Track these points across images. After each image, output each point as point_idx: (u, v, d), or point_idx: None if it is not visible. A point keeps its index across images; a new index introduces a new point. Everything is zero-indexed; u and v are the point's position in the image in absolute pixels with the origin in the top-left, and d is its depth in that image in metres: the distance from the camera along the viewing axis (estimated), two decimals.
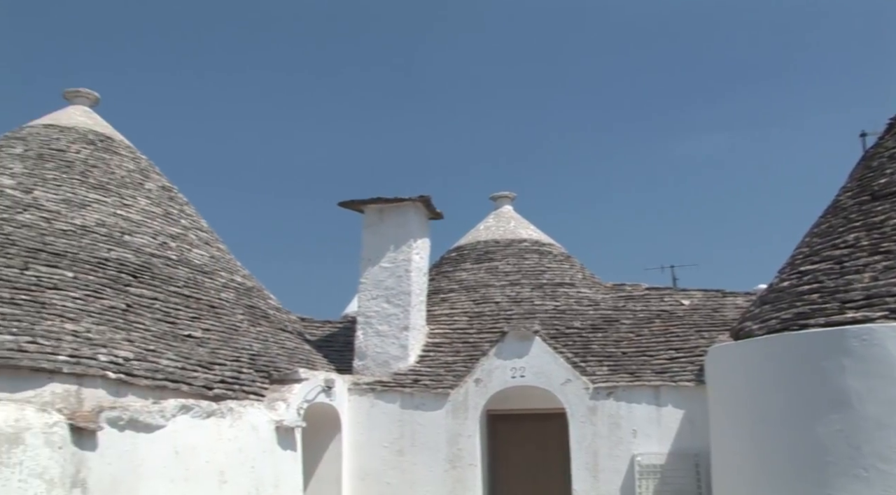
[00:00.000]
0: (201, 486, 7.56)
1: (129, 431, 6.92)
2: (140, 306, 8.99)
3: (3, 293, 7.77)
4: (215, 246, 12.10)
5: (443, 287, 13.44)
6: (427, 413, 10.76)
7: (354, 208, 11.88)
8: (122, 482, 6.75)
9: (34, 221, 9.38)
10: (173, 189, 12.55)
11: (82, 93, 12.87)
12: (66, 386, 7.04)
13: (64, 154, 11.29)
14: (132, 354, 7.87)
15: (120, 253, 9.73)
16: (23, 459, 5.91)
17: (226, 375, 8.77)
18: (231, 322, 10.20)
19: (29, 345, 7.10)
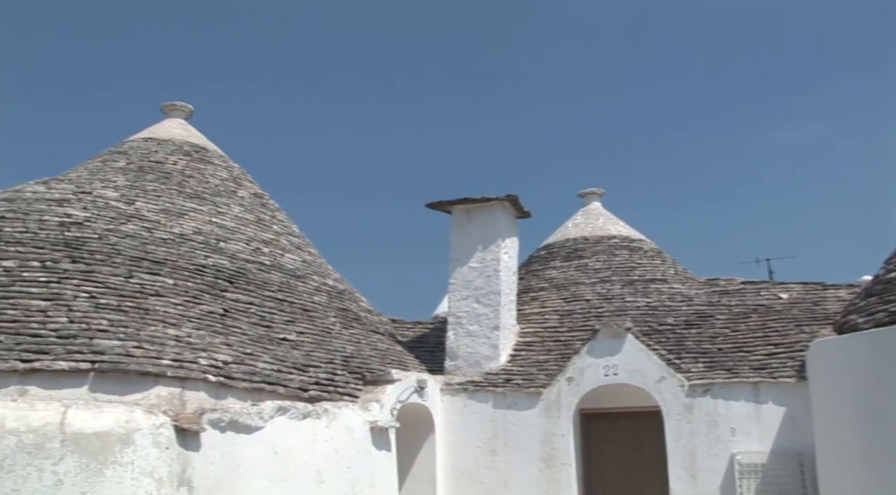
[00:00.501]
0: (299, 486, 7.73)
1: (229, 432, 7.13)
2: (236, 311, 9.25)
3: (111, 300, 8.13)
4: (307, 250, 12.36)
5: (532, 285, 13.38)
6: (520, 412, 10.72)
7: (442, 209, 11.94)
8: (225, 481, 6.96)
9: (137, 231, 9.77)
10: (265, 196, 12.88)
11: (178, 106, 13.37)
12: (170, 389, 7.31)
13: (162, 166, 11.74)
14: (230, 358, 8.11)
15: (216, 259, 10.04)
16: (134, 458, 6.18)
17: (320, 377, 8.94)
18: (324, 325, 10.39)
19: (135, 350, 7.40)
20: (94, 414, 6.27)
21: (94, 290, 8.21)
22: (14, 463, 5.88)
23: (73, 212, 9.73)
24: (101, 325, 7.64)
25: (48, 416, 6.12)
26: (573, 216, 14.87)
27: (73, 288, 8.15)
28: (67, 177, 11.01)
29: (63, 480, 5.92)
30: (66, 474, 5.95)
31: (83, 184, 10.67)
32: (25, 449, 5.94)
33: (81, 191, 10.40)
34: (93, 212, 9.86)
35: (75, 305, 7.88)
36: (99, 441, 6.13)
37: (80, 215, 9.68)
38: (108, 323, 7.71)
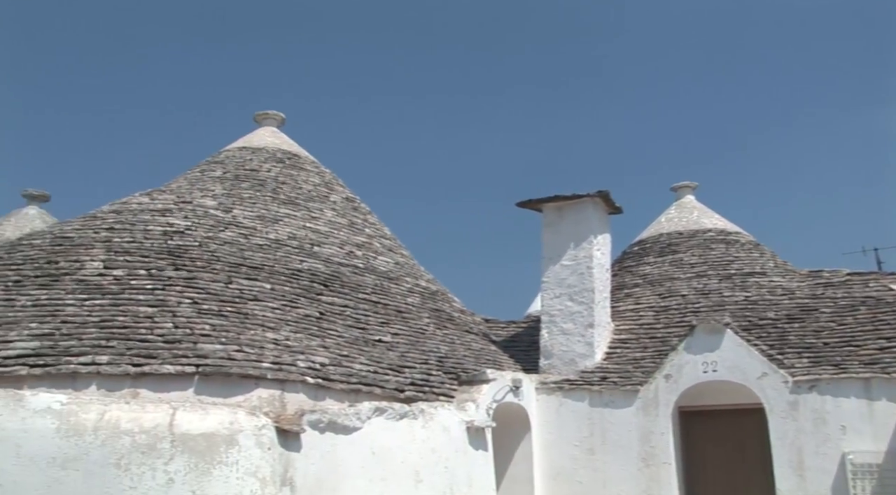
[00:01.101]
0: (398, 486, 7.80)
1: (328, 433, 7.26)
2: (332, 313, 9.42)
3: (212, 306, 8.40)
4: (399, 252, 12.49)
5: (626, 282, 13.18)
6: (617, 411, 10.58)
7: (533, 207, 11.88)
8: (326, 481, 7.10)
9: (234, 238, 10.07)
10: (356, 199, 13.09)
11: (270, 115, 13.74)
12: (270, 391, 7.49)
13: (257, 173, 12.07)
14: (328, 360, 8.26)
15: (311, 263, 10.25)
16: (238, 459, 6.36)
17: (416, 378, 9.01)
18: (418, 326, 10.48)
19: (236, 354, 7.62)
20: (199, 415, 6.48)
21: (197, 296, 8.50)
22: (129, 463, 6.14)
23: (175, 221, 10.09)
24: (204, 330, 7.91)
25: (158, 418, 6.37)
26: (666, 210, 14.59)
27: (176, 294, 8.46)
28: (169, 188, 11.44)
29: (174, 479, 6.15)
30: (177, 473, 6.18)
31: (183, 194, 11.07)
32: (139, 448, 6.19)
33: (182, 200, 10.79)
34: (193, 220, 10.21)
35: (179, 311, 8.18)
36: (205, 441, 6.33)
37: (181, 224, 10.04)
38: (210, 327, 7.97)
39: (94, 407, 6.39)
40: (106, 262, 8.91)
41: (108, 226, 9.82)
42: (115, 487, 6.08)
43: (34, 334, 7.56)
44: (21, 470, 6.08)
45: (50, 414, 6.25)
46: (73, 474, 6.09)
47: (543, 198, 11.71)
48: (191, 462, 6.24)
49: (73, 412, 6.30)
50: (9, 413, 6.23)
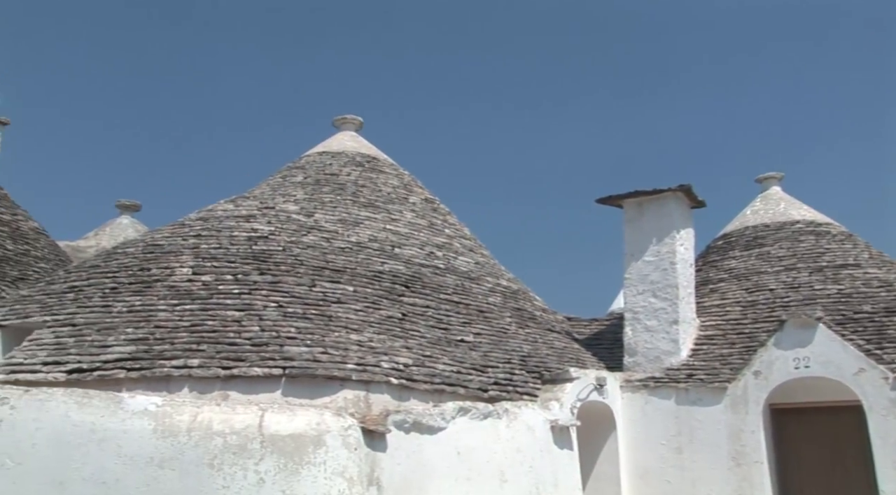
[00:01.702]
0: (483, 485, 7.81)
1: (413, 433, 7.32)
2: (414, 314, 9.49)
3: (297, 309, 8.57)
4: (479, 252, 12.51)
5: (711, 277, 12.89)
6: (704, 408, 10.35)
7: (613, 204, 11.74)
8: (412, 481, 7.16)
9: (317, 242, 10.25)
10: (435, 200, 13.16)
11: (349, 119, 13.95)
12: (355, 392, 7.60)
13: (337, 177, 12.26)
14: (411, 360, 8.33)
15: (392, 265, 10.35)
16: (325, 459, 6.48)
17: (499, 377, 9.00)
18: (500, 325, 10.47)
19: (322, 356, 7.76)
20: (287, 416, 6.62)
21: (282, 300, 8.69)
22: (222, 463, 6.32)
23: (259, 226, 10.33)
24: (290, 333, 8.08)
25: (248, 419, 6.53)
26: (751, 202, 14.21)
27: (262, 298, 8.67)
28: (252, 194, 11.72)
29: (265, 479, 6.30)
30: (267, 473, 6.33)
31: (266, 200, 11.32)
32: (230, 449, 6.36)
33: (265, 206, 11.04)
34: (276, 225, 10.43)
35: (265, 314, 8.37)
36: (293, 442, 6.47)
37: (265, 229, 10.27)
38: (295, 330, 8.14)
39: (188, 408, 6.59)
40: (195, 268, 9.19)
41: (195, 233, 10.12)
42: (209, 486, 6.26)
43: (130, 339, 7.85)
44: (122, 469, 6.33)
45: (147, 416, 6.49)
46: (169, 473, 6.30)
47: (624, 194, 11.56)
48: (280, 462, 6.38)
49: (168, 414, 6.52)
50: (109, 414, 6.49)
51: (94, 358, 7.61)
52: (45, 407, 6.59)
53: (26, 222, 13.32)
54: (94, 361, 7.57)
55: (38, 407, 6.59)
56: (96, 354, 7.66)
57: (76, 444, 6.42)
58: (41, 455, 6.44)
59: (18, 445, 6.49)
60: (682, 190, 11.31)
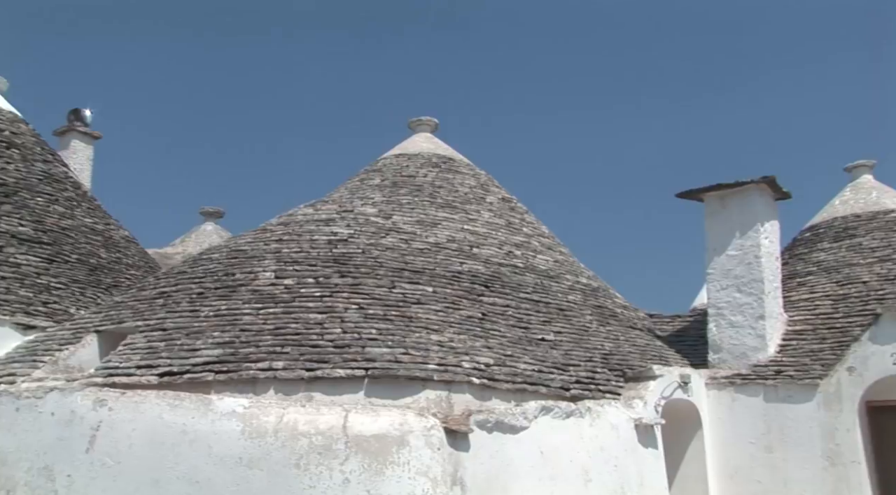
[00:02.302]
0: (567, 485, 7.75)
1: (496, 433, 7.32)
2: (494, 314, 9.49)
3: (377, 310, 8.67)
4: (558, 250, 12.43)
5: (798, 270, 12.50)
6: (795, 406, 10.04)
7: (694, 198, 11.51)
8: (495, 480, 7.15)
9: (396, 243, 10.34)
10: (512, 199, 13.13)
11: (424, 121, 14.04)
12: (437, 392, 7.64)
13: (414, 179, 12.35)
14: (492, 360, 8.32)
15: (471, 265, 10.37)
16: (409, 459, 6.53)
17: (581, 376, 8.93)
18: (581, 323, 10.38)
19: (403, 357, 7.83)
20: (371, 417, 6.71)
21: (363, 302, 8.80)
22: (308, 463, 6.44)
23: (339, 230, 10.49)
24: (371, 334, 8.17)
25: (332, 420, 6.64)
26: (840, 192, 13.72)
27: (343, 300, 8.79)
28: (331, 198, 11.90)
29: (350, 479, 6.40)
30: (352, 473, 6.42)
31: (345, 203, 11.48)
32: (316, 449, 6.48)
33: (344, 209, 11.20)
34: (355, 228, 10.57)
35: (347, 316, 8.49)
36: (377, 442, 6.54)
37: (344, 232, 10.42)
38: (376, 331, 8.23)
39: (274, 410, 6.75)
40: (277, 272, 9.38)
41: (277, 238, 10.33)
42: (296, 486, 6.39)
43: (217, 342, 8.07)
44: (213, 469, 6.52)
45: (235, 417, 6.66)
46: (258, 473, 6.46)
47: (705, 188, 11.32)
48: (364, 462, 6.46)
49: (255, 415, 6.69)
50: (200, 415, 6.70)
51: (183, 361, 7.85)
52: (140, 408, 6.85)
53: (118, 231, 13.82)
54: (183, 364, 7.81)
55: (134, 409, 6.85)
56: (186, 358, 7.90)
57: (169, 444, 6.65)
58: (137, 454, 6.69)
59: (117, 445, 6.76)
60: (766, 181, 11.01)
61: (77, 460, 6.82)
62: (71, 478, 6.78)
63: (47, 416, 7.08)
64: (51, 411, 7.08)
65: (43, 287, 11.11)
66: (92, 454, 6.79)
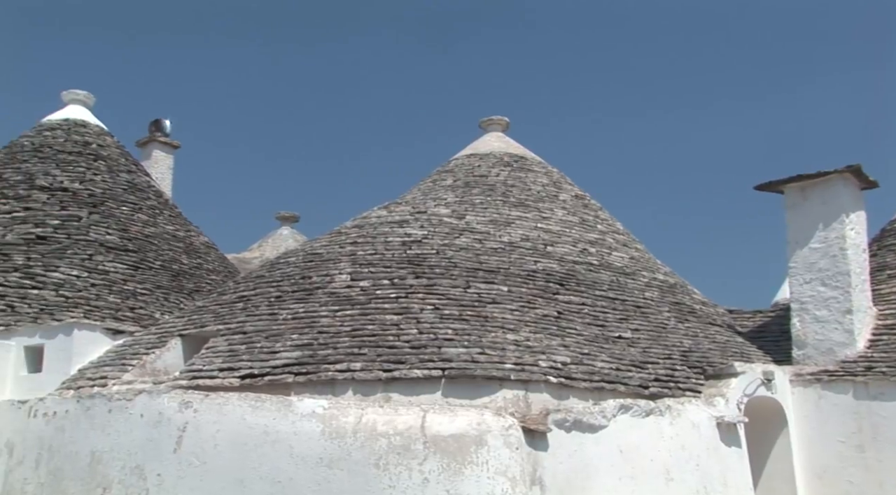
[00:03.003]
0: (648, 484, 7.64)
1: (574, 432, 7.26)
2: (570, 312, 9.42)
3: (453, 311, 8.70)
4: (633, 247, 12.26)
5: (888, 262, 12.04)
6: (888, 403, 9.64)
7: (773, 190, 11.20)
8: (574, 480, 7.10)
9: (469, 244, 10.36)
10: (586, 196, 13.01)
11: (495, 120, 14.02)
12: (514, 391, 7.63)
13: (486, 179, 12.35)
14: (569, 359, 8.27)
15: (545, 264, 10.32)
16: (487, 459, 6.53)
17: (659, 373, 8.80)
18: (658, 320, 10.23)
19: (479, 356, 7.84)
20: (448, 417, 6.73)
21: (438, 302, 8.84)
22: (387, 463, 6.50)
23: (413, 231, 10.56)
24: (447, 334, 8.20)
25: (410, 420, 6.69)
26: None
27: (418, 301, 8.85)
28: (404, 200, 11.99)
29: (429, 478, 6.43)
30: (431, 473, 6.45)
31: (418, 205, 11.56)
32: (395, 449, 6.54)
33: (417, 211, 11.28)
34: (429, 229, 10.63)
35: (423, 317, 8.54)
36: (455, 442, 6.56)
37: (418, 234, 10.49)
38: (452, 332, 8.26)
39: (352, 411, 6.83)
40: (352, 275, 9.51)
41: (351, 241, 10.47)
42: (375, 486, 6.46)
43: (296, 344, 8.23)
44: (294, 469, 6.64)
45: (315, 418, 6.77)
46: (338, 473, 6.55)
47: (785, 179, 11.00)
48: (443, 462, 6.48)
49: (334, 416, 6.78)
50: (281, 417, 6.83)
51: (263, 363, 8.03)
52: (223, 410, 7.02)
53: (198, 237, 14.21)
54: (264, 367, 7.98)
55: (217, 411, 7.03)
56: (266, 360, 8.07)
57: (252, 445, 6.80)
58: (222, 454, 6.87)
59: (203, 446, 6.95)
60: (851, 171, 10.64)
61: (166, 460, 7.04)
62: (161, 477, 7.00)
63: (137, 418, 7.32)
64: (140, 413, 7.33)
65: (129, 293, 11.51)
66: (179, 454, 6.99)
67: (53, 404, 8.07)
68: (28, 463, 7.92)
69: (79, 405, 7.77)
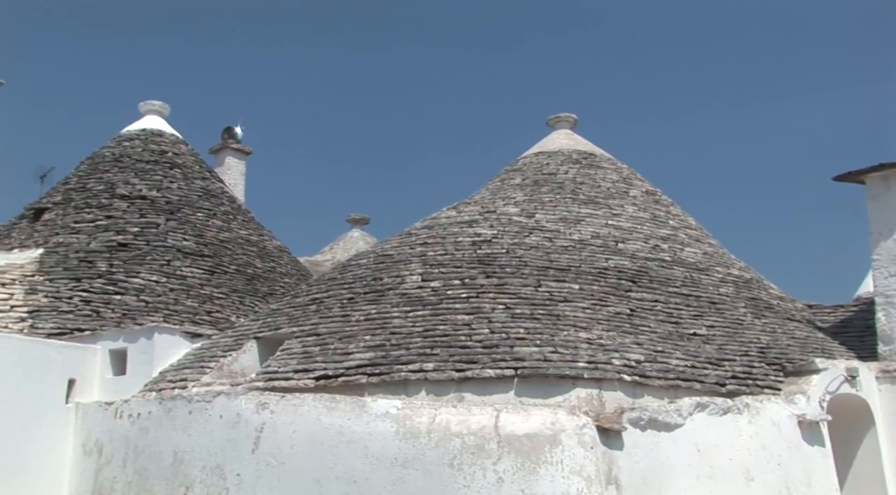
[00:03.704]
0: (727, 484, 7.49)
1: (650, 431, 7.16)
2: (643, 309, 9.29)
3: (524, 310, 8.67)
4: (706, 242, 12.03)
5: None
6: None
7: (854, 180, 10.84)
8: (651, 479, 7.00)
9: (539, 242, 10.31)
10: (657, 192, 12.81)
11: (562, 117, 13.92)
12: (587, 390, 7.56)
13: (555, 176, 12.27)
14: (643, 356, 8.16)
15: (617, 261, 10.20)
16: (562, 458, 6.49)
17: (736, 371, 8.61)
18: (734, 316, 10.01)
19: (552, 355, 7.79)
20: (522, 417, 6.71)
21: (509, 301, 8.82)
22: (461, 463, 6.52)
23: (482, 231, 10.56)
24: (519, 334, 8.18)
25: (483, 420, 6.69)
26: None
27: (490, 301, 8.85)
28: (473, 200, 12.00)
29: (503, 478, 6.42)
30: (505, 472, 6.44)
31: (487, 204, 11.56)
32: (469, 449, 6.55)
33: (486, 210, 11.27)
34: (498, 229, 10.61)
35: (494, 317, 8.53)
36: (529, 442, 6.54)
37: (488, 233, 10.48)
38: (524, 331, 8.23)
39: (426, 411, 6.87)
40: (423, 275, 9.55)
41: (422, 242, 10.52)
42: (450, 486, 6.48)
43: (368, 346, 8.31)
44: (370, 469, 6.71)
45: (389, 419, 6.83)
46: (413, 473, 6.59)
47: (866, 169, 10.63)
48: (517, 461, 6.47)
49: (408, 416, 6.83)
50: (355, 417, 6.91)
51: (337, 365, 8.13)
52: (299, 411, 7.14)
53: (271, 241, 14.48)
54: (337, 368, 8.08)
55: (293, 412, 7.16)
56: (339, 361, 8.17)
57: (328, 445, 6.89)
58: (299, 455, 6.98)
59: (280, 446, 7.08)
60: None
61: (244, 460, 7.19)
62: (240, 477, 7.16)
63: (216, 419, 7.50)
64: (219, 414, 7.51)
65: (206, 297, 11.79)
66: (257, 454, 7.14)
67: (137, 406, 8.33)
68: (116, 462, 8.21)
69: (161, 406, 8.01)
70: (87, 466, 8.53)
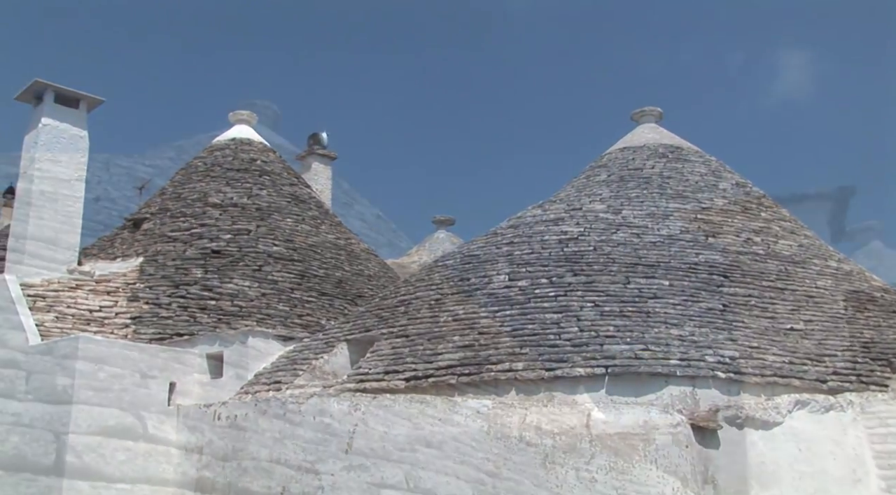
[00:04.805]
0: (831, 484, 7.25)
1: (747, 429, 7.00)
2: (736, 305, 9.05)
3: (613, 307, 8.56)
4: (801, 234, 11.63)
5: None
6: None
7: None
8: (749, 478, 6.83)
9: (627, 238, 10.16)
10: (747, 184, 12.46)
11: (647, 111, 13.69)
12: (680, 388, 7.42)
13: (641, 171, 12.08)
14: (737, 353, 7.95)
15: (707, 255, 9.96)
16: (656, 457, 6.39)
17: (838, 366, 8.31)
18: (834, 310, 9.65)
19: (643, 353, 7.68)
20: (613, 415, 6.64)
21: (597, 299, 8.72)
22: (553, 462, 6.48)
23: (569, 228, 10.47)
24: (609, 331, 8.08)
25: (575, 419, 6.65)
26: None
27: (578, 299, 8.76)
28: (558, 197, 11.91)
29: (596, 477, 6.35)
30: (598, 472, 6.37)
31: (573, 202, 11.45)
32: (560, 449, 6.50)
33: (572, 208, 11.17)
34: (585, 226, 10.51)
35: (583, 315, 8.46)
36: (622, 440, 6.46)
37: (574, 231, 10.39)
38: (614, 328, 8.13)
39: (516, 410, 6.85)
40: (510, 275, 9.54)
41: (508, 241, 10.50)
42: (543, 485, 6.44)
43: (458, 346, 8.34)
44: (461, 469, 6.73)
45: (479, 418, 6.84)
46: (504, 472, 6.58)
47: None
48: (610, 460, 6.39)
49: (499, 415, 6.82)
50: (446, 418, 6.95)
51: (427, 365, 8.19)
52: (390, 412, 7.22)
53: (357, 245, 14.68)
54: (427, 368, 8.14)
55: (385, 413, 7.24)
56: (429, 362, 8.23)
57: (419, 446, 6.94)
58: (391, 455, 7.05)
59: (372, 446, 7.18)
60: None
61: (338, 460, 7.31)
62: (333, 477, 7.28)
63: (310, 420, 7.65)
64: (312, 415, 7.65)
65: (297, 301, 12.03)
66: (350, 455, 7.25)
67: (234, 408, 8.57)
68: (216, 462, 8.46)
69: (256, 408, 8.22)
70: (189, 466, 8.82)
